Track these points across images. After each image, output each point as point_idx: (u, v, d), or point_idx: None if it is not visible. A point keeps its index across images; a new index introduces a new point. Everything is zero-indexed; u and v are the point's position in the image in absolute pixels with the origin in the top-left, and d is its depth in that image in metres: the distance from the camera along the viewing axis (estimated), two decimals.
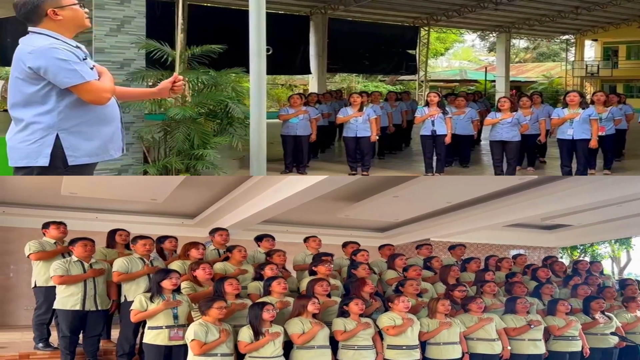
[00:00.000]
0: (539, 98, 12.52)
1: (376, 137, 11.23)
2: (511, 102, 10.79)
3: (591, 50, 38.75)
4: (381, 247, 7.89)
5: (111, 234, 6.67)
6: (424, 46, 31.51)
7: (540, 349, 6.21)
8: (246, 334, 5.05)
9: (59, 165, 3.56)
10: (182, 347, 5.13)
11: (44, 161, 3.53)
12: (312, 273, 6.32)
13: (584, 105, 10.11)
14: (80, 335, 5.91)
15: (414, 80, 33.33)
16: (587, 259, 15.42)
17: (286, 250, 6.81)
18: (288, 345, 5.21)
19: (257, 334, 5.02)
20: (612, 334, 6.74)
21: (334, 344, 5.39)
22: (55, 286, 5.85)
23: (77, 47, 3.62)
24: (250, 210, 8.55)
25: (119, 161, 9.29)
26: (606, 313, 6.87)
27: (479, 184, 8.71)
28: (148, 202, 9.04)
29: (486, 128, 11.96)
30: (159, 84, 4.13)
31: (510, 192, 8.26)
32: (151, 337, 5.24)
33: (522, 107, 11.10)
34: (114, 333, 6.36)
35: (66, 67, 3.44)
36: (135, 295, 5.53)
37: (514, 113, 10.49)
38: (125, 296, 5.87)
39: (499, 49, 33.33)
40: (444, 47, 48.10)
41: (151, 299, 5.27)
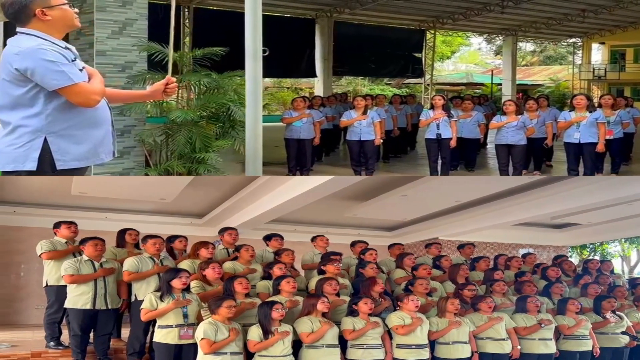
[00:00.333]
0: (545, 101, 12.45)
1: (380, 141, 11.13)
2: (516, 105, 10.65)
3: (598, 54, 38.64)
4: (391, 247, 7.85)
5: (121, 234, 6.69)
6: (430, 49, 31.50)
7: (551, 348, 6.16)
8: (255, 332, 5.05)
9: (47, 169, 3.47)
10: (192, 346, 5.13)
11: (31, 165, 3.44)
12: (321, 272, 6.32)
13: (591, 108, 10.00)
14: (91, 334, 5.93)
15: (420, 84, 33.31)
16: (597, 257, 15.38)
17: (294, 249, 6.81)
18: (297, 344, 5.20)
19: (267, 332, 5.02)
20: (623, 333, 6.72)
21: (342, 343, 5.38)
22: (66, 285, 5.88)
23: (67, 48, 3.53)
24: (259, 209, 8.55)
25: (120, 164, 9.29)
26: (617, 312, 6.84)
27: (487, 183, 8.69)
28: (157, 202, 9.06)
29: (492, 131, 11.90)
30: None
31: (520, 191, 8.24)
32: (161, 335, 5.25)
33: (528, 110, 10.96)
34: (124, 332, 6.39)
35: (54, 69, 3.34)
36: (145, 294, 5.55)
37: (519, 116, 10.36)
38: (135, 295, 5.88)
39: (506, 52, 33.26)
40: (450, 50, 48.06)
41: (161, 298, 5.29)
